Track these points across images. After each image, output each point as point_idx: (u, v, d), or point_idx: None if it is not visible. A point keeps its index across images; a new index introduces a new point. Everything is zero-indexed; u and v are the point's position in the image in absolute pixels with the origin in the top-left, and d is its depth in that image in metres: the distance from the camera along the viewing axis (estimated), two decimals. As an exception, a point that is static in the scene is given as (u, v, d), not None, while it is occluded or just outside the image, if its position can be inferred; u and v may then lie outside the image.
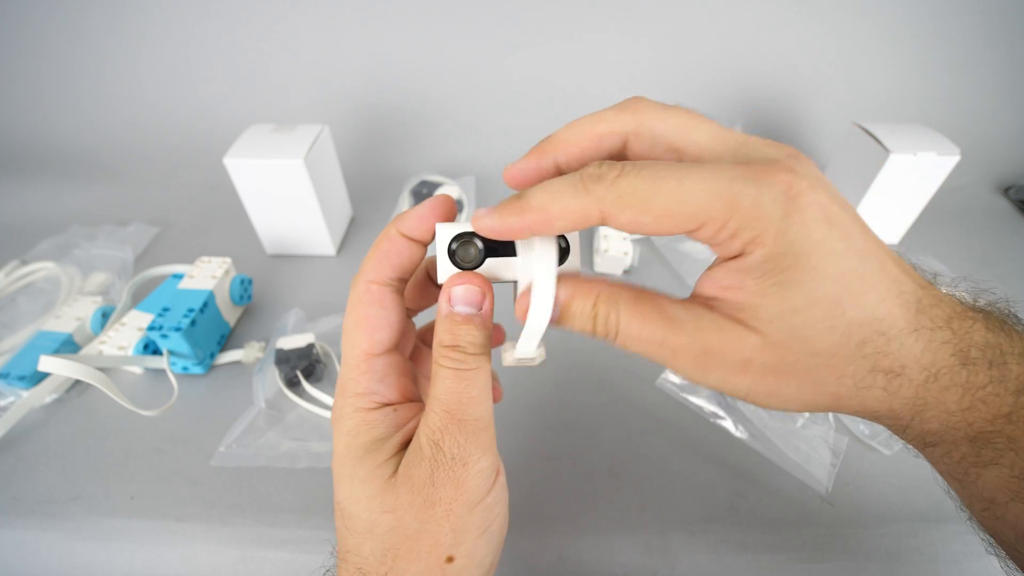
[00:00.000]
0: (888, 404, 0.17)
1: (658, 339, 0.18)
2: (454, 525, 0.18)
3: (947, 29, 0.67)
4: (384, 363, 0.20)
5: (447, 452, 0.18)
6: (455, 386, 0.18)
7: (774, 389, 0.17)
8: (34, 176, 0.71)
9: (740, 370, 0.17)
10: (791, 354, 0.17)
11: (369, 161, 0.72)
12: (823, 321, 0.16)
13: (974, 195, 0.67)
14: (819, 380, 0.17)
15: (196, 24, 0.67)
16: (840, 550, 0.33)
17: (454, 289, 0.19)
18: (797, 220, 0.16)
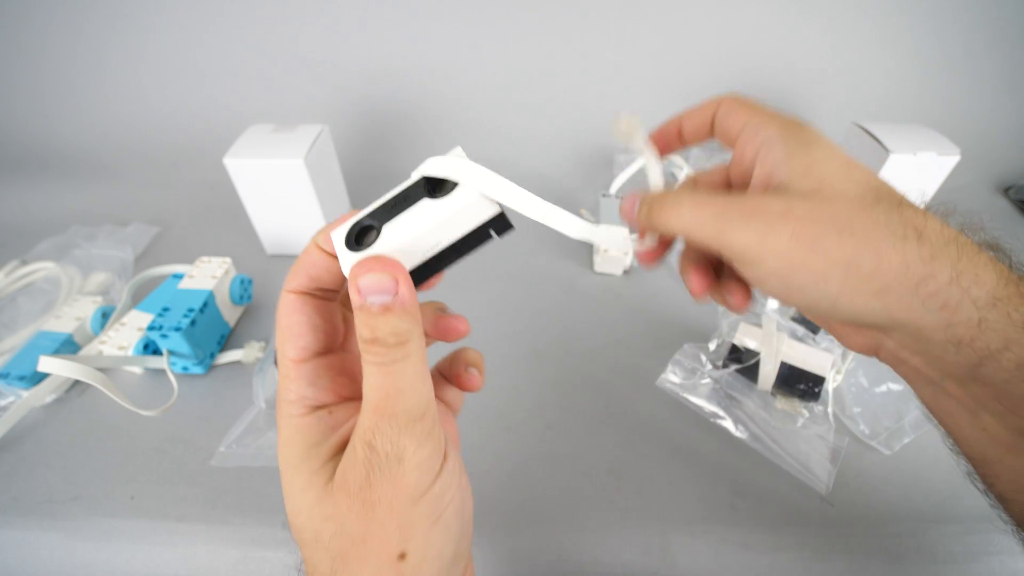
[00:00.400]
0: (928, 265, 0.17)
1: (709, 199, 0.20)
2: (399, 522, 0.17)
3: (947, 29, 0.67)
4: (313, 367, 0.20)
5: (380, 451, 0.17)
6: (381, 382, 0.17)
7: (814, 238, 0.18)
8: (34, 176, 0.71)
9: (782, 216, 0.19)
10: (824, 198, 0.19)
11: (369, 161, 0.72)
12: (841, 172, 0.19)
13: (974, 195, 0.67)
14: (855, 226, 0.18)
15: (196, 24, 0.67)
16: (840, 550, 0.33)
17: (360, 280, 0.17)
18: (804, 123, 0.21)
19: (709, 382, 0.41)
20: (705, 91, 0.76)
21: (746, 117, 0.22)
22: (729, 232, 0.19)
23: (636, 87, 0.71)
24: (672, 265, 0.55)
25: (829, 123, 0.70)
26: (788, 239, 0.18)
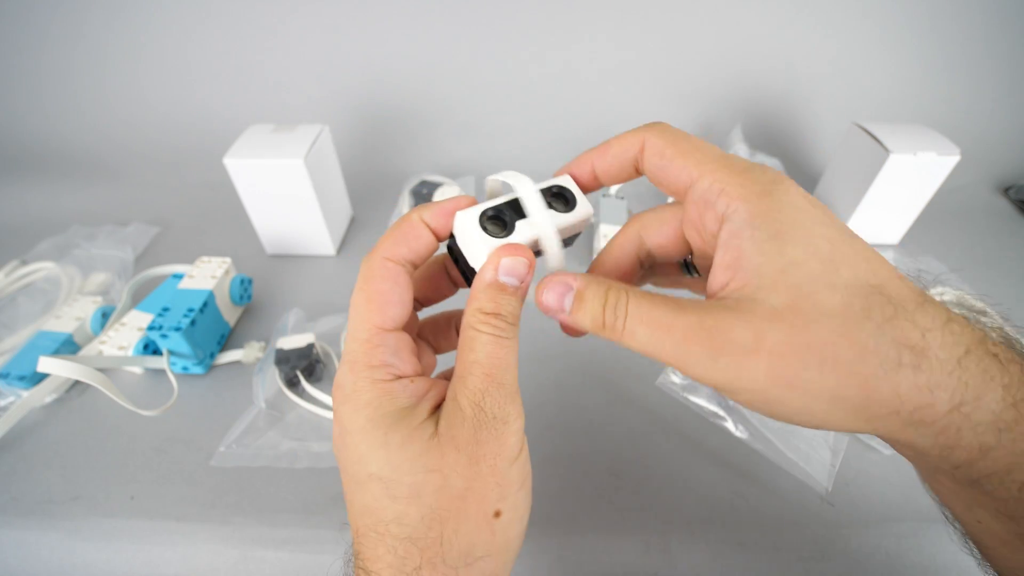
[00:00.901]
0: (926, 395, 0.15)
1: (667, 321, 0.18)
2: (499, 480, 0.18)
3: (947, 29, 0.67)
4: (396, 339, 0.20)
5: (488, 412, 0.18)
6: (496, 351, 0.19)
7: (793, 375, 0.16)
8: (34, 176, 0.71)
9: (753, 350, 0.16)
10: (801, 317, 0.16)
11: (369, 161, 0.72)
12: (823, 277, 0.16)
13: (974, 195, 0.67)
14: (838, 356, 0.15)
15: (196, 24, 0.67)
16: (840, 550, 0.33)
17: (504, 259, 0.19)
18: (781, 188, 0.17)
19: (709, 382, 0.41)
20: (705, 91, 0.77)
21: (696, 171, 0.19)
22: (695, 366, 0.17)
23: (636, 87, 0.71)
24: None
25: (829, 123, 0.71)
26: (763, 376, 0.16)
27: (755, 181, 0.18)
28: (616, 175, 0.22)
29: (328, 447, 0.38)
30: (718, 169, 0.18)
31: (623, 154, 0.21)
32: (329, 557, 0.33)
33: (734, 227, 0.17)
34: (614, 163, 0.21)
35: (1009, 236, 0.61)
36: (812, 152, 0.72)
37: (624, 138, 0.21)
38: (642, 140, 0.20)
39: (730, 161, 0.19)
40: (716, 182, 0.18)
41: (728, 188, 0.18)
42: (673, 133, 0.20)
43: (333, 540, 0.33)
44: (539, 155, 0.72)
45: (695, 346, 0.17)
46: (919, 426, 0.16)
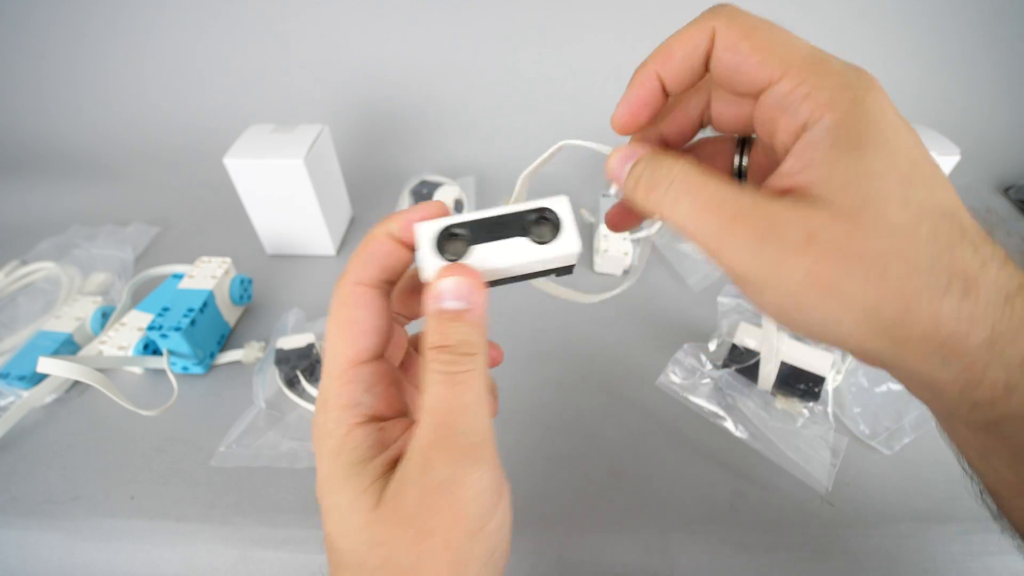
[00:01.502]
0: (964, 325, 0.14)
1: (718, 197, 0.16)
2: (453, 558, 0.16)
3: (947, 29, 0.67)
4: (370, 371, 0.18)
5: (439, 472, 0.16)
6: (446, 392, 0.16)
7: (835, 279, 0.15)
8: (34, 176, 0.71)
9: (802, 245, 0.15)
10: (862, 226, 0.15)
11: (369, 161, 0.72)
12: (898, 191, 0.15)
13: (974, 195, 0.67)
14: (887, 268, 0.14)
15: (196, 24, 0.67)
16: (840, 550, 0.33)
17: (440, 283, 0.17)
18: (874, 97, 0.15)
19: (709, 382, 0.41)
20: (705, 91, 0.75)
21: (778, 70, 0.16)
22: (733, 251, 0.16)
23: (636, 87, 0.71)
24: (672, 264, 0.55)
25: (829, 123, 0.71)
26: (803, 276, 0.15)
27: (846, 86, 0.15)
28: (688, 80, 0.18)
29: (328, 447, 0.38)
30: (804, 69, 0.16)
31: (693, 53, 0.17)
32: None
33: (813, 137, 0.16)
34: (684, 67, 0.18)
35: (1009, 236, 0.61)
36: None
37: (688, 34, 0.17)
38: (711, 32, 0.17)
39: (818, 59, 0.16)
40: (801, 85, 0.16)
41: (815, 93, 0.15)
42: (746, 19, 0.17)
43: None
44: (539, 155, 0.72)
45: (741, 229, 0.15)
46: (948, 355, 0.15)
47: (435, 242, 0.18)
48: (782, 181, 0.16)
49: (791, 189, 0.16)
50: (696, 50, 0.17)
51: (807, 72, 0.16)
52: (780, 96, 0.16)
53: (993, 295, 0.14)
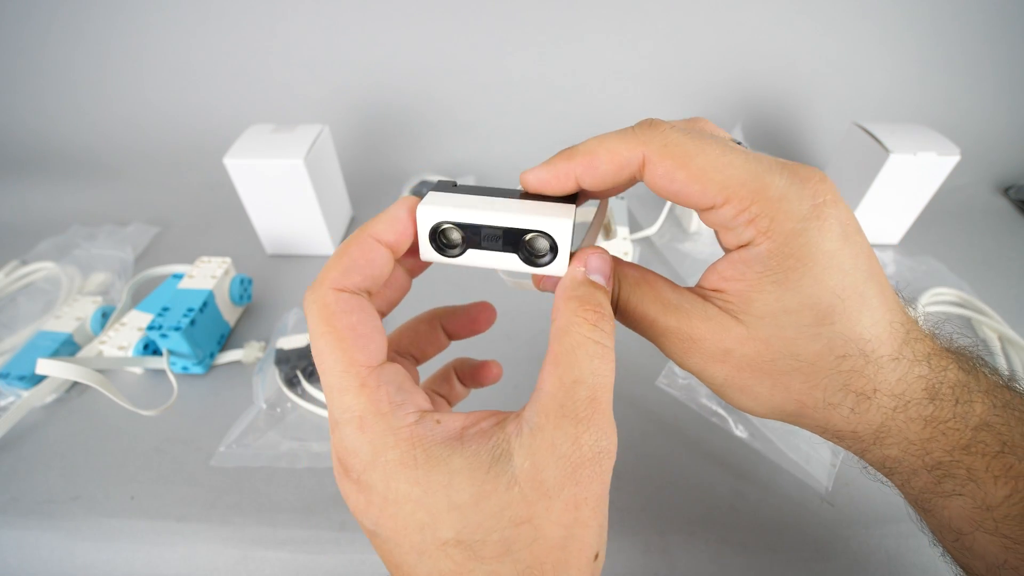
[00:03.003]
0: (851, 426, 0.18)
1: (649, 318, 0.19)
2: (601, 522, 0.16)
3: (947, 29, 0.67)
4: (393, 372, 0.17)
5: (591, 447, 0.15)
6: (602, 367, 0.16)
7: (747, 384, 0.18)
8: (34, 176, 0.71)
9: (719, 359, 0.18)
10: (770, 351, 0.17)
11: (369, 161, 0.72)
12: (810, 328, 0.17)
13: (974, 195, 0.67)
14: (790, 385, 0.18)
15: (196, 24, 0.67)
16: (840, 550, 0.33)
17: (591, 257, 0.18)
18: (815, 226, 0.16)
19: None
20: (706, 90, 0.76)
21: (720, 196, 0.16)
22: (668, 355, 0.19)
23: (636, 86, 0.71)
24: (672, 264, 0.55)
25: (829, 123, 0.71)
26: (722, 379, 0.18)
27: (789, 215, 0.16)
28: (608, 191, 0.19)
29: (327, 447, 0.38)
30: (746, 196, 0.16)
31: (618, 171, 0.17)
32: (329, 557, 0.33)
33: (748, 256, 0.17)
34: (605, 180, 0.18)
35: (1009, 236, 0.61)
36: (812, 152, 0.72)
37: (615, 150, 0.17)
38: (640, 157, 0.17)
39: (761, 182, 0.16)
40: (743, 212, 0.16)
41: (757, 220, 0.16)
42: (679, 144, 0.16)
43: (333, 540, 0.34)
44: (539, 155, 0.72)
45: (672, 344, 0.19)
46: (842, 439, 0.19)
47: (432, 234, 0.18)
48: (715, 279, 0.19)
49: (720, 290, 0.18)
50: (623, 169, 0.17)
51: (748, 199, 0.16)
52: (724, 219, 0.17)
53: (886, 403, 0.17)
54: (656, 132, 0.17)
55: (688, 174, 0.16)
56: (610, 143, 0.17)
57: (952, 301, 0.50)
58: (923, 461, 0.18)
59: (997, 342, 0.46)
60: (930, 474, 0.18)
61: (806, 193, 0.16)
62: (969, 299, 0.49)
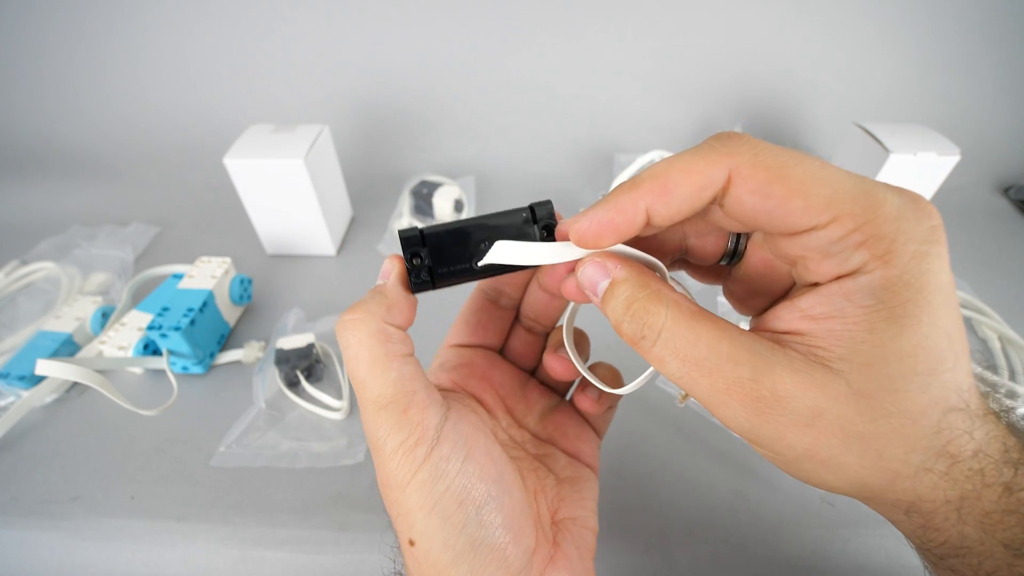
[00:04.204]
0: (941, 493, 0.14)
1: (710, 363, 0.14)
2: (397, 510, 0.18)
3: (947, 29, 0.67)
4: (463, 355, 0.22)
5: (367, 438, 0.19)
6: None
7: (832, 455, 0.14)
8: (34, 176, 0.71)
9: (805, 424, 0.14)
10: (873, 410, 0.14)
11: (369, 161, 0.72)
12: (924, 375, 0.13)
13: (974, 195, 0.67)
14: (886, 451, 0.14)
15: (196, 24, 0.67)
16: (840, 550, 0.33)
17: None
18: (935, 252, 0.14)
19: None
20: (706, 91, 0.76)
21: (826, 214, 0.14)
22: (727, 417, 0.15)
23: (637, 87, 0.71)
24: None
25: (829, 123, 0.71)
26: (800, 450, 0.14)
27: (910, 236, 0.13)
28: (681, 218, 0.16)
29: (327, 447, 0.38)
30: (862, 213, 0.13)
31: (698, 194, 0.15)
32: (329, 557, 0.33)
33: (854, 287, 0.14)
34: (683, 207, 0.15)
35: (1009, 236, 0.61)
36: (812, 152, 0.72)
37: (695, 170, 0.15)
38: (727, 172, 0.14)
39: (875, 199, 0.13)
40: (857, 232, 0.13)
41: (872, 241, 0.13)
42: (772, 155, 0.14)
43: (333, 540, 0.34)
44: (539, 155, 0.72)
45: (737, 401, 0.14)
46: (913, 511, 0.15)
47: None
48: (794, 317, 0.15)
49: (801, 332, 0.15)
50: (704, 191, 0.15)
51: (861, 216, 0.13)
52: (827, 242, 0.14)
53: (968, 468, 0.14)
54: (742, 142, 0.14)
55: (787, 187, 0.14)
56: (683, 162, 0.15)
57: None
58: (1001, 537, 0.14)
59: (997, 342, 0.46)
60: (1007, 553, 0.14)
61: (923, 214, 0.14)
62: (969, 299, 0.49)
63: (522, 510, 0.19)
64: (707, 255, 0.19)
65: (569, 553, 0.20)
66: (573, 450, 0.24)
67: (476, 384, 0.24)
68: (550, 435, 0.24)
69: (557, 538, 0.21)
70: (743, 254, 0.19)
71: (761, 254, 0.19)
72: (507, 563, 0.18)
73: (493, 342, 0.25)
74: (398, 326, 0.18)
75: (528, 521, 0.19)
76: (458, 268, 0.19)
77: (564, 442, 0.24)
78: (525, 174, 0.70)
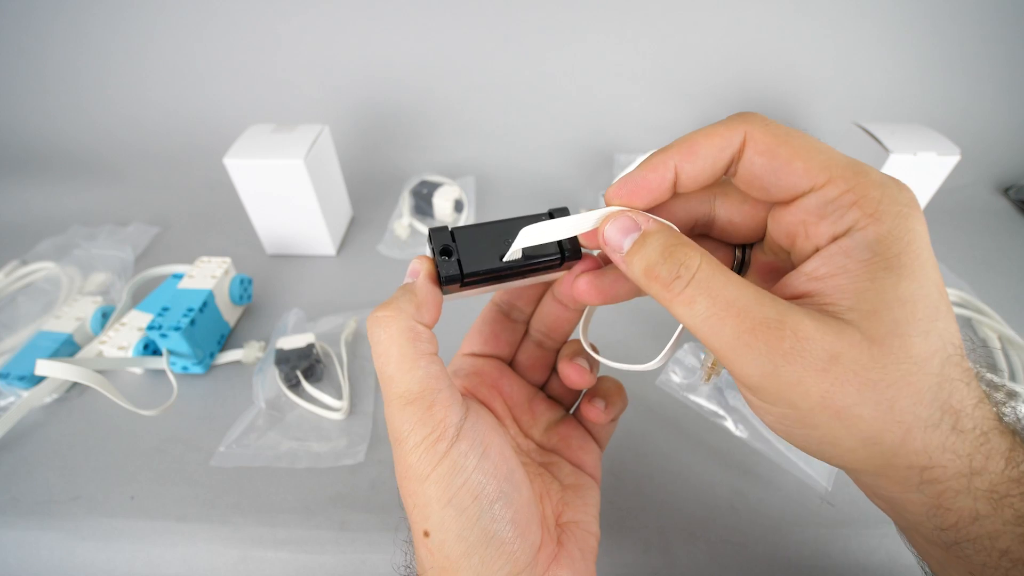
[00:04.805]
0: (947, 457, 0.15)
1: (740, 303, 0.15)
2: (414, 501, 0.19)
3: (946, 29, 0.67)
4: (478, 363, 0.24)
5: (390, 433, 0.19)
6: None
7: (847, 404, 0.15)
8: (34, 176, 0.71)
9: (823, 367, 0.14)
10: (884, 354, 0.14)
11: (369, 161, 0.72)
12: (924, 321, 0.15)
13: (974, 195, 0.67)
14: (897, 401, 0.14)
15: (196, 24, 0.67)
16: (840, 550, 0.33)
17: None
18: (915, 215, 0.15)
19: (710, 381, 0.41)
20: (706, 90, 0.76)
21: (823, 176, 0.16)
22: (749, 363, 0.15)
23: (636, 87, 0.71)
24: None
25: (829, 123, 0.71)
26: (815, 399, 0.15)
27: (894, 200, 0.15)
28: (704, 179, 0.18)
29: (327, 447, 0.38)
30: (851, 176, 0.16)
31: (720, 153, 0.17)
32: (329, 557, 0.33)
33: (852, 245, 0.15)
34: (706, 165, 0.17)
35: (1009, 236, 0.61)
36: (812, 152, 0.72)
37: (716, 132, 0.17)
38: (743, 135, 0.17)
39: (862, 168, 0.16)
40: (849, 192, 0.15)
41: (862, 201, 0.15)
42: (779, 126, 0.17)
43: (333, 540, 0.33)
44: (539, 155, 0.72)
45: (762, 341, 0.15)
46: (924, 483, 0.15)
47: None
48: (801, 282, 0.16)
49: (810, 294, 0.16)
50: (724, 151, 0.17)
51: (853, 179, 0.15)
52: (824, 201, 0.16)
53: (973, 430, 0.15)
54: (755, 116, 0.17)
55: (792, 150, 0.16)
56: (707, 129, 0.17)
57: (952, 301, 0.50)
58: (1014, 512, 0.15)
59: (997, 342, 0.46)
60: (1017, 525, 0.15)
61: (901, 186, 0.16)
62: (969, 299, 0.49)
63: (529, 508, 0.20)
64: (733, 233, 0.20)
65: (572, 553, 0.21)
66: (576, 460, 0.25)
67: (486, 392, 0.24)
68: (555, 445, 0.25)
69: (561, 538, 0.21)
70: (748, 266, 0.21)
71: (764, 259, 0.20)
72: (514, 557, 0.19)
73: (504, 353, 0.26)
74: (426, 324, 0.19)
75: (535, 519, 0.20)
76: (485, 266, 0.19)
77: (568, 452, 0.25)
78: (525, 174, 0.70)
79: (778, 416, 0.16)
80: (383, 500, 0.35)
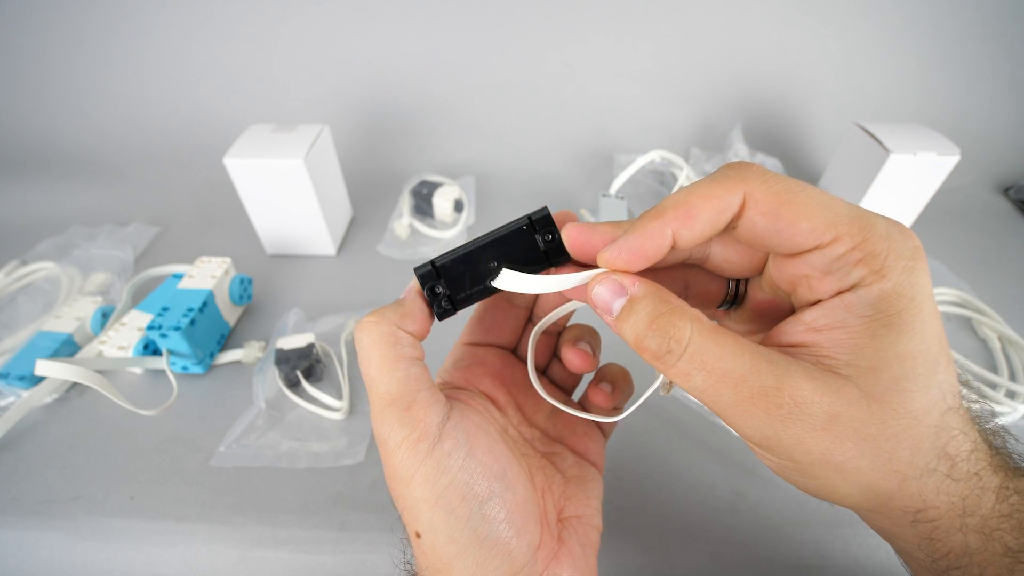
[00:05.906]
0: (942, 499, 0.15)
1: (736, 374, 0.15)
2: (403, 503, 0.19)
3: (946, 29, 0.67)
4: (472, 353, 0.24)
5: (377, 436, 0.19)
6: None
7: (845, 459, 0.15)
8: (34, 176, 0.71)
9: (822, 428, 0.15)
10: (883, 411, 0.15)
11: (369, 161, 0.72)
12: (924, 376, 0.15)
13: (974, 195, 0.67)
14: (895, 453, 0.15)
15: (197, 24, 0.67)
16: (840, 550, 0.33)
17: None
18: (920, 268, 0.15)
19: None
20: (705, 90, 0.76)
21: (829, 234, 0.15)
22: (750, 427, 0.16)
23: (636, 87, 0.71)
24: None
25: (829, 123, 0.71)
26: (816, 454, 0.15)
27: (899, 254, 0.15)
28: (703, 240, 0.17)
29: (327, 447, 0.38)
30: (858, 232, 0.15)
31: (719, 217, 0.16)
32: (329, 557, 0.33)
33: (854, 300, 0.15)
34: (705, 229, 0.16)
35: (1009, 236, 0.61)
36: (812, 152, 0.72)
37: (712, 195, 0.16)
38: (742, 195, 0.16)
39: (868, 220, 0.15)
40: (856, 250, 0.15)
41: (869, 258, 0.15)
42: (779, 181, 0.16)
43: (333, 540, 0.34)
44: (539, 155, 0.72)
45: (760, 411, 0.15)
46: (918, 521, 0.16)
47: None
48: (799, 331, 0.16)
49: (807, 344, 0.16)
50: (722, 213, 0.16)
51: (859, 236, 0.15)
52: (830, 260, 0.16)
53: (967, 472, 0.15)
54: (753, 171, 0.16)
55: (795, 211, 0.16)
56: (702, 189, 0.16)
57: (952, 301, 0.50)
58: (1002, 544, 0.15)
59: (997, 342, 0.46)
60: (1006, 557, 0.15)
61: (907, 235, 0.16)
62: (969, 299, 0.49)
63: (526, 506, 0.20)
64: (728, 271, 0.20)
65: (573, 550, 0.21)
66: (581, 448, 0.25)
67: (488, 382, 0.24)
68: (559, 433, 0.25)
69: (562, 535, 0.21)
70: (743, 299, 0.21)
71: (761, 296, 0.20)
72: (511, 557, 0.18)
73: (506, 341, 0.26)
74: (410, 332, 0.19)
75: (532, 517, 0.20)
76: (475, 290, 0.20)
77: (572, 439, 0.25)
78: (525, 174, 0.70)
79: (778, 465, 0.17)
80: (383, 500, 0.35)
